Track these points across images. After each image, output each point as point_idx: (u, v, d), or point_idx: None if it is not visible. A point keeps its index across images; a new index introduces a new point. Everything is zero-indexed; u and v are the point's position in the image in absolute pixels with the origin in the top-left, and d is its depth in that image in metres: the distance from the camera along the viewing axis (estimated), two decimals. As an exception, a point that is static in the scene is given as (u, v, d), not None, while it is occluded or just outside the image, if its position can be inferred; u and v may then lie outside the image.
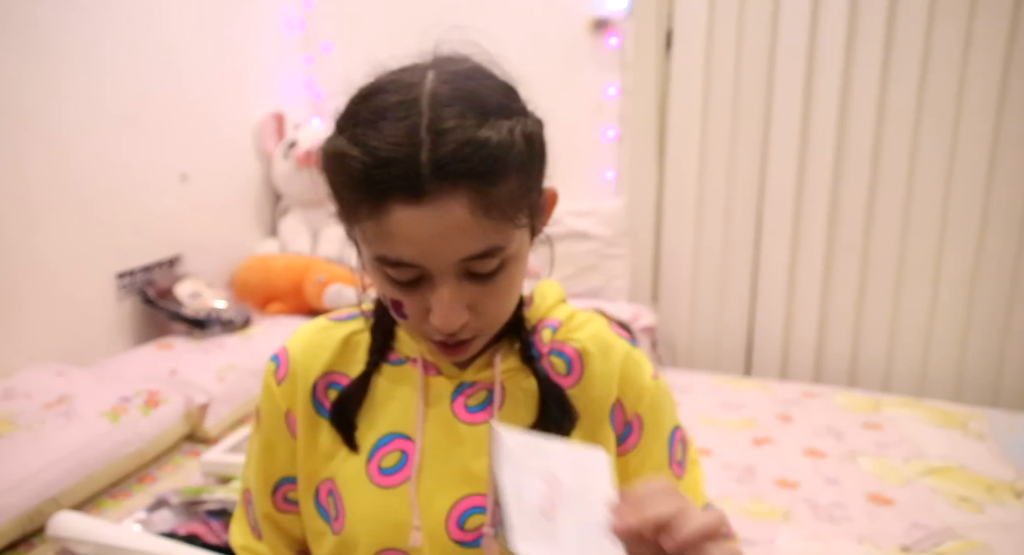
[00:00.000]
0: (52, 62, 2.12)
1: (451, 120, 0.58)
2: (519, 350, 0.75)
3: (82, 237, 2.25)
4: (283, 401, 0.77)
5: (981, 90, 2.38)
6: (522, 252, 0.67)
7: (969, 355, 2.55)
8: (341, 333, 0.78)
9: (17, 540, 1.58)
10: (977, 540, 1.60)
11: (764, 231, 2.71)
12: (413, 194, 0.58)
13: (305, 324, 0.81)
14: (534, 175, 0.65)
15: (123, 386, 1.96)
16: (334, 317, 0.81)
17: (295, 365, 0.77)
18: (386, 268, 0.64)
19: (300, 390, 0.76)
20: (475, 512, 0.71)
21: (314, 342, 0.78)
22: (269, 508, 0.81)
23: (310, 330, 0.80)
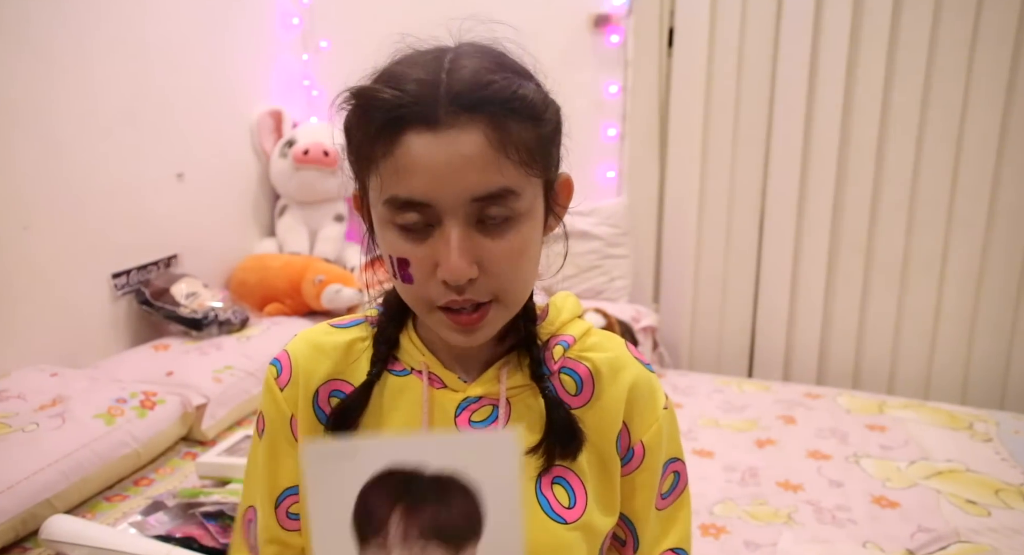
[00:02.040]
0: (45, 59, 2.10)
1: (473, 62, 0.62)
2: (528, 366, 0.72)
3: (76, 237, 2.23)
4: (287, 406, 0.75)
5: (987, 87, 2.36)
6: (535, 214, 0.65)
7: (975, 356, 2.53)
8: (344, 340, 0.76)
9: (10, 544, 1.56)
10: (984, 544, 1.58)
11: (767, 230, 2.69)
12: (429, 123, 0.59)
13: (306, 329, 0.79)
14: (550, 136, 0.66)
15: (118, 387, 1.94)
16: (337, 323, 0.78)
17: (297, 369, 0.75)
18: (395, 216, 0.62)
19: (302, 395, 0.74)
20: None
21: (317, 347, 0.76)
22: (275, 528, 0.77)
23: (312, 335, 0.77)
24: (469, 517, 0.55)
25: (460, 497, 0.55)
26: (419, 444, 0.56)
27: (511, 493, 0.56)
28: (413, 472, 0.55)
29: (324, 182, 2.84)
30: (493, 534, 0.55)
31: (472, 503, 0.55)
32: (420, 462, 0.55)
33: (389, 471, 0.55)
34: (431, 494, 0.55)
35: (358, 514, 0.55)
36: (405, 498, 0.55)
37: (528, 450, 0.70)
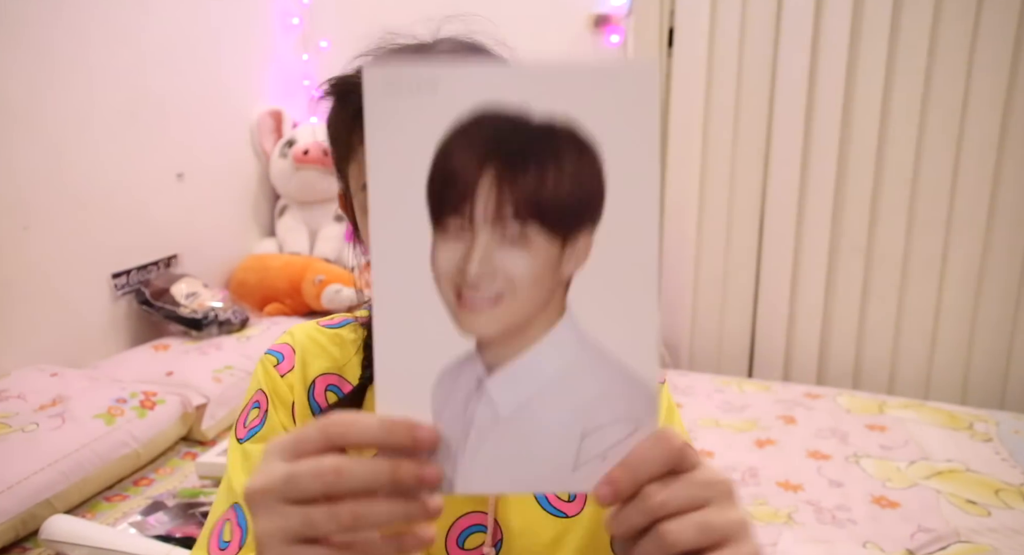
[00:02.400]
0: (44, 59, 2.10)
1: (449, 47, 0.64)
2: None
3: (76, 237, 2.23)
4: (289, 393, 0.73)
5: (987, 87, 2.36)
6: None
7: (975, 356, 2.53)
8: (336, 338, 0.76)
9: (10, 544, 1.56)
10: (984, 544, 1.58)
11: (767, 231, 2.69)
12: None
13: (299, 325, 0.79)
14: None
15: (118, 387, 1.94)
16: (326, 323, 0.78)
17: (298, 358, 0.74)
18: None
19: (299, 385, 0.74)
20: (475, 530, 0.69)
21: (313, 340, 0.76)
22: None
23: (306, 329, 0.77)
24: (586, 188, 0.41)
25: (575, 158, 0.41)
26: (524, 76, 0.40)
27: (647, 160, 0.42)
28: (514, 118, 0.40)
29: (324, 182, 2.85)
30: (617, 216, 0.42)
31: (591, 168, 0.41)
32: (523, 104, 0.40)
33: (480, 115, 0.40)
34: (535, 152, 0.40)
35: (435, 180, 0.41)
36: (500, 157, 0.41)
37: None
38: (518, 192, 0.40)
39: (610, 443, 0.43)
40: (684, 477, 0.42)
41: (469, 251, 0.41)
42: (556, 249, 0.41)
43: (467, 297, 0.41)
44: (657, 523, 0.41)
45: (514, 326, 0.42)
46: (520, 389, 0.42)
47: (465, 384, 0.42)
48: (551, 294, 0.42)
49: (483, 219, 0.41)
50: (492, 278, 0.41)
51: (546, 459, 0.43)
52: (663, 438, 0.42)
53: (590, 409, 0.42)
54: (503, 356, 0.43)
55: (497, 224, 0.41)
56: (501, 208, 0.41)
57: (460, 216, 0.41)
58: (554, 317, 0.42)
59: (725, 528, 0.42)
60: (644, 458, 0.41)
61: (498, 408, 0.42)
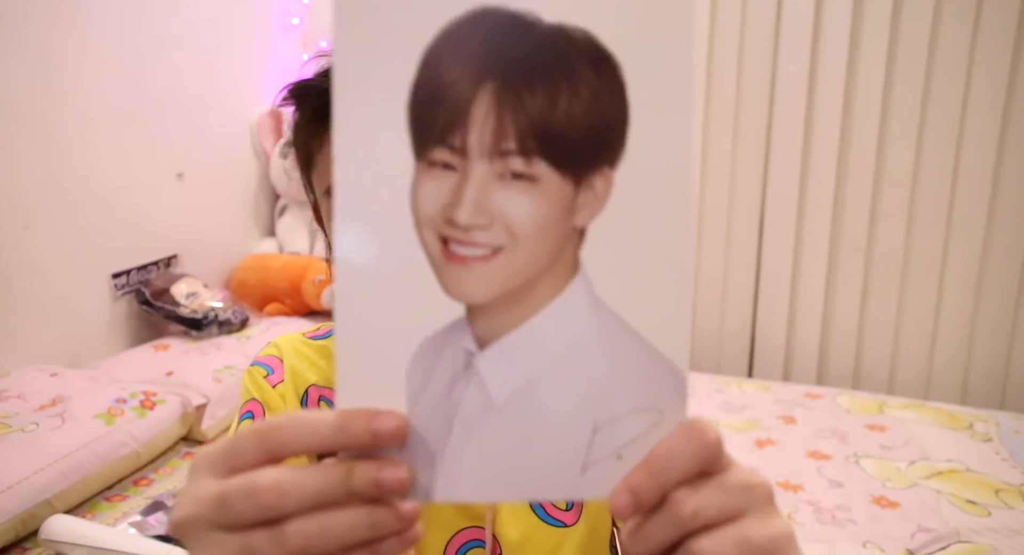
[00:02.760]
0: (44, 59, 2.10)
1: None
2: None
3: (76, 237, 2.23)
4: (282, 403, 0.70)
5: (987, 88, 2.36)
6: None
7: (975, 356, 2.53)
8: (322, 350, 0.73)
9: (10, 544, 1.56)
10: (984, 544, 1.58)
11: (767, 230, 2.69)
12: None
13: (283, 336, 0.75)
14: None
15: (118, 387, 1.94)
16: (311, 335, 0.74)
17: (288, 369, 0.71)
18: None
19: (292, 396, 0.70)
20: (474, 546, 0.67)
21: (299, 352, 0.72)
22: None
23: (291, 341, 0.73)
24: (605, 114, 0.33)
25: (592, 75, 0.32)
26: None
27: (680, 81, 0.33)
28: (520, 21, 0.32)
29: (324, 182, 2.84)
30: (643, 151, 0.33)
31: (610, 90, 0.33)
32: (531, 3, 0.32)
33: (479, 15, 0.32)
34: (545, 66, 0.32)
35: (418, 97, 0.32)
36: (501, 71, 0.32)
37: None
38: (523, 117, 0.32)
39: (628, 438, 0.34)
40: (716, 480, 0.34)
41: (459, 190, 0.32)
42: (568, 191, 0.33)
43: (455, 249, 0.33)
44: (687, 539, 0.33)
45: (514, 288, 0.34)
46: (519, 369, 0.34)
47: (450, 362, 0.34)
48: (560, 248, 0.34)
49: (478, 150, 0.32)
50: (487, 225, 0.33)
51: (549, 458, 0.34)
52: (695, 431, 0.34)
53: (605, 395, 0.34)
54: (500, 326, 0.34)
55: (496, 157, 0.32)
56: (501, 136, 0.32)
57: (449, 146, 0.32)
58: (564, 278, 0.34)
59: (767, 544, 0.34)
60: (672, 457, 0.33)
61: (491, 393, 0.34)
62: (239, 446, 0.33)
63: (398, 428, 0.32)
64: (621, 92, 0.33)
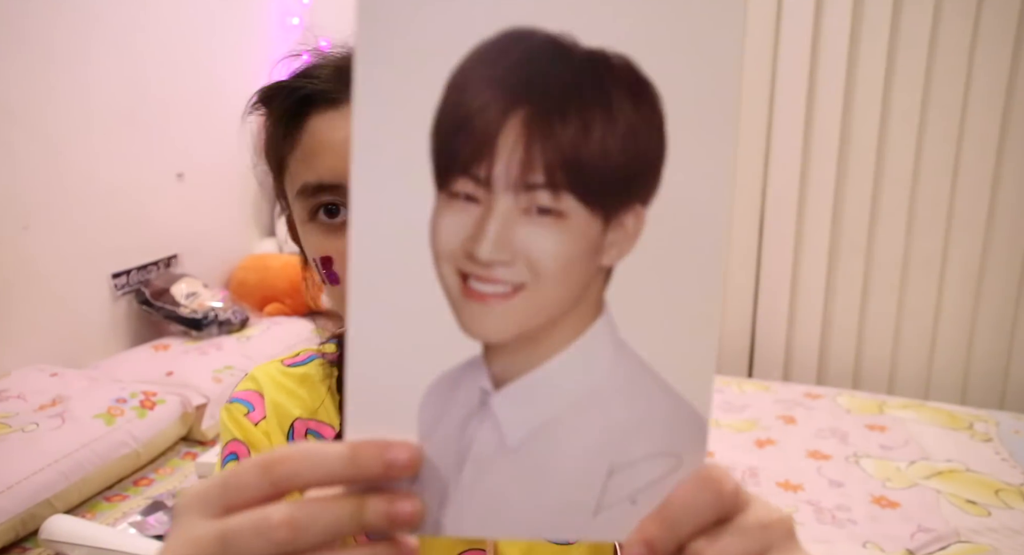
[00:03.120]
0: (44, 59, 2.10)
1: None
2: None
3: (76, 237, 2.23)
4: (266, 442, 0.66)
5: (986, 88, 2.36)
6: None
7: (975, 356, 2.53)
8: (303, 379, 0.69)
9: (10, 544, 1.56)
10: (984, 544, 1.58)
11: (767, 230, 2.69)
12: (330, 101, 0.58)
13: (260, 366, 0.71)
14: None
15: (118, 387, 1.94)
16: (290, 362, 0.70)
17: (270, 404, 0.67)
18: (310, 208, 0.58)
19: (277, 433, 0.66)
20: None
21: (279, 384, 0.68)
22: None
23: (269, 372, 0.69)
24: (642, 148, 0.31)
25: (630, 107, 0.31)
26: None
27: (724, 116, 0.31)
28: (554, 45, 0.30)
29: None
30: (679, 189, 0.31)
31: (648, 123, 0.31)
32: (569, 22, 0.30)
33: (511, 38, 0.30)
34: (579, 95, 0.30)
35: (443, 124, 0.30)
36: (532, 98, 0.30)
37: None
38: (553, 148, 0.30)
39: (644, 482, 0.34)
40: (735, 524, 0.33)
41: (482, 224, 0.31)
42: (596, 228, 0.31)
43: (475, 286, 0.31)
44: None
45: (535, 327, 0.32)
46: (535, 410, 0.33)
47: (465, 399, 0.33)
48: (585, 288, 0.32)
49: (504, 182, 0.30)
50: (510, 262, 0.31)
51: (561, 499, 0.33)
52: (711, 480, 0.33)
53: (622, 438, 0.33)
54: (517, 366, 0.33)
55: (522, 190, 0.31)
56: (529, 169, 0.30)
57: (473, 176, 0.30)
58: (587, 319, 0.33)
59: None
60: (687, 506, 0.32)
61: (505, 434, 0.33)
62: (239, 481, 0.30)
63: (411, 459, 0.31)
64: (660, 126, 0.31)
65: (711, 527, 0.32)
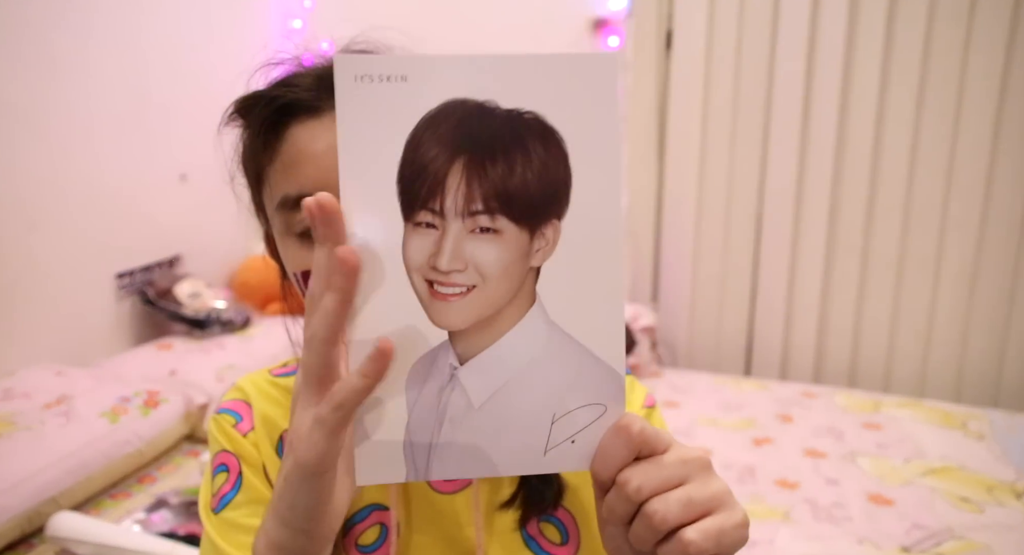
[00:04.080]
0: (48, 62, 2.12)
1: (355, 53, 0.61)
2: None
3: (81, 237, 2.25)
4: (255, 453, 0.65)
5: (981, 89, 2.38)
6: None
7: (969, 355, 2.55)
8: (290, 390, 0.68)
9: (16, 540, 1.58)
10: (977, 541, 1.60)
11: (764, 231, 2.71)
12: (311, 111, 0.58)
13: (247, 376, 0.71)
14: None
15: (122, 386, 1.96)
16: (278, 373, 0.71)
17: (257, 414, 0.67)
18: (290, 220, 0.58)
19: (266, 444, 0.66)
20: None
21: (266, 395, 0.68)
22: None
23: (257, 382, 0.70)
24: (553, 178, 0.42)
25: (542, 149, 0.41)
26: (492, 67, 0.41)
27: (610, 148, 0.42)
28: (481, 109, 0.41)
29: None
30: (583, 206, 0.42)
31: (556, 159, 0.42)
32: (491, 94, 0.41)
33: (449, 107, 0.40)
34: (503, 144, 0.41)
35: (405, 172, 0.41)
36: (468, 149, 0.41)
37: (502, 504, 0.64)
38: (487, 184, 0.41)
39: (580, 427, 0.44)
40: (655, 459, 0.43)
41: (440, 243, 0.41)
42: (525, 240, 0.42)
43: (439, 289, 0.42)
44: (642, 506, 0.42)
45: (485, 317, 0.43)
46: (492, 378, 0.43)
47: (438, 375, 0.43)
48: (521, 284, 0.43)
49: (453, 212, 0.41)
50: (463, 269, 0.42)
51: (518, 444, 0.44)
52: (623, 426, 0.43)
53: (560, 395, 0.44)
54: (475, 346, 0.43)
55: (467, 216, 0.41)
56: (471, 200, 0.41)
57: (431, 209, 0.41)
58: (524, 307, 0.43)
59: (708, 499, 0.42)
60: (610, 449, 0.43)
61: (471, 398, 0.43)
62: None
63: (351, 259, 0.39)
64: (565, 160, 0.42)
65: (634, 462, 0.43)
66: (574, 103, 0.42)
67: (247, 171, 0.66)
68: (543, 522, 0.65)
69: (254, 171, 0.63)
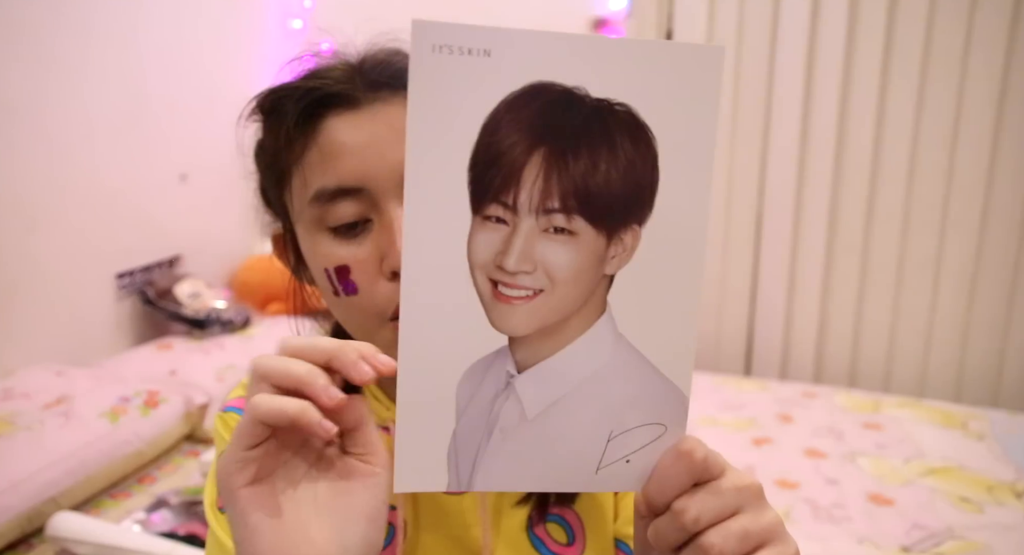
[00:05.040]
0: (48, 61, 2.12)
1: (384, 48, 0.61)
2: None
3: (81, 237, 2.25)
4: None
5: (981, 89, 2.38)
6: None
7: (969, 355, 2.55)
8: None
9: (16, 540, 1.58)
10: (977, 540, 1.59)
11: (764, 230, 2.71)
12: (349, 103, 0.56)
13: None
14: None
15: (123, 386, 1.96)
16: None
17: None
18: (327, 213, 0.56)
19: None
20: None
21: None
22: None
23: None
24: (639, 179, 0.38)
25: (630, 145, 0.38)
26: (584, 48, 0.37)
27: (704, 151, 0.39)
28: (569, 95, 0.37)
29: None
30: (668, 212, 0.39)
31: (644, 159, 0.38)
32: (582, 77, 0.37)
33: (534, 89, 0.36)
34: (589, 136, 0.37)
35: (478, 159, 0.37)
36: (551, 139, 0.37)
37: (519, 501, 0.63)
38: (567, 180, 0.37)
39: (636, 446, 0.42)
40: (712, 486, 0.41)
41: (509, 241, 0.38)
42: (602, 244, 0.39)
43: (503, 291, 0.38)
44: (696, 537, 0.40)
45: (550, 324, 0.39)
46: (550, 390, 0.40)
47: (493, 381, 0.39)
48: (592, 292, 0.39)
49: (527, 207, 0.38)
50: (531, 271, 0.39)
51: (570, 460, 0.41)
52: (685, 451, 0.41)
53: (619, 412, 0.41)
54: (536, 355, 0.40)
55: (541, 213, 0.38)
56: (547, 197, 0.38)
57: (503, 203, 0.37)
58: (592, 316, 0.40)
59: (763, 532, 0.41)
60: (667, 472, 0.41)
61: (526, 408, 0.40)
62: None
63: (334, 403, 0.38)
64: (654, 161, 0.38)
65: (692, 489, 0.40)
66: (671, 98, 0.38)
67: (267, 167, 0.63)
68: (550, 523, 0.64)
69: (277, 166, 0.60)
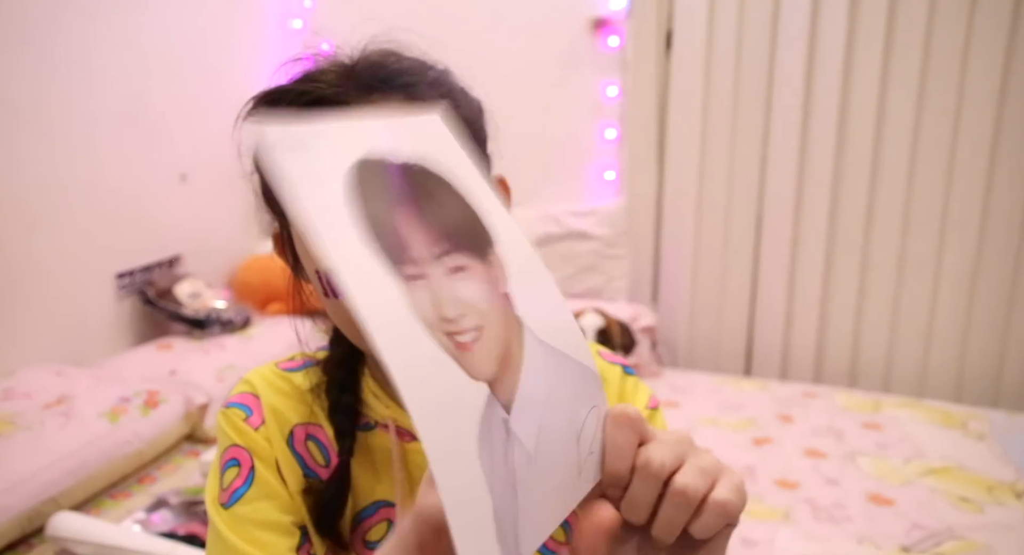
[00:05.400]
0: (49, 62, 2.12)
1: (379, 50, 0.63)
2: None
3: (81, 237, 2.25)
4: (268, 447, 0.65)
5: (981, 89, 2.38)
6: None
7: (969, 355, 2.55)
8: (299, 384, 0.68)
9: (16, 540, 1.58)
10: (977, 540, 1.60)
11: (764, 230, 2.71)
12: (341, 104, 0.58)
13: (255, 370, 0.70)
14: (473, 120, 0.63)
15: (123, 386, 1.96)
16: (285, 367, 0.70)
17: (268, 409, 0.66)
18: None
19: (278, 438, 0.65)
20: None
21: (276, 388, 0.68)
22: None
23: (266, 376, 0.69)
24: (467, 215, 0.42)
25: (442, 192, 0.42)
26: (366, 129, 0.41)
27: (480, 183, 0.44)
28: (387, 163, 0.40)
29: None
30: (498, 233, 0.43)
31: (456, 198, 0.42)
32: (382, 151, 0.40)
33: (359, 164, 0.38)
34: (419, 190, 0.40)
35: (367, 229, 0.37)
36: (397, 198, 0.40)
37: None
38: (434, 225, 0.39)
39: (591, 435, 0.43)
40: (658, 439, 0.43)
41: (435, 292, 0.38)
42: (486, 269, 0.41)
43: (460, 339, 0.38)
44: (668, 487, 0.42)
45: (501, 355, 0.40)
46: (533, 417, 0.40)
47: (497, 435, 0.38)
48: (507, 312, 0.41)
49: (427, 258, 0.38)
50: (466, 312, 0.39)
51: (563, 478, 0.41)
52: (619, 413, 0.43)
53: (573, 409, 0.42)
54: (510, 390, 0.39)
55: (436, 259, 0.39)
56: (431, 244, 0.39)
57: (409, 260, 0.38)
58: (519, 334, 0.41)
59: (713, 468, 0.43)
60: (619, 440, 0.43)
61: (526, 446, 0.39)
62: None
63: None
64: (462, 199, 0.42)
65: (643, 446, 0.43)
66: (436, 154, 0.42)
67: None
68: None
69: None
